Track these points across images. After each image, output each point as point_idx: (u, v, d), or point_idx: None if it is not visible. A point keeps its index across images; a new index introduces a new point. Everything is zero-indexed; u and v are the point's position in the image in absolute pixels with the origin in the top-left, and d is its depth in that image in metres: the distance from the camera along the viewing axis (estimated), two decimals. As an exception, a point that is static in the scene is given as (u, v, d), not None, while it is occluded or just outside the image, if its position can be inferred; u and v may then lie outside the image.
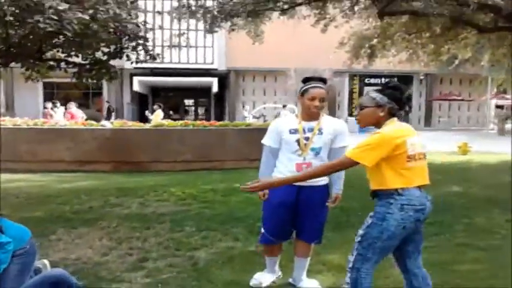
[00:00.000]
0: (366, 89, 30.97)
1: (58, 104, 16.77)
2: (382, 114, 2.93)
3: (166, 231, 5.43)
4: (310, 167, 3.47)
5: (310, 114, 3.62)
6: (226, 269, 4.23)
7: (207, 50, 29.05)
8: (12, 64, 6.97)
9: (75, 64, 7.13)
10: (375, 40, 14.25)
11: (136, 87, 27.26)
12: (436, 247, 4.82)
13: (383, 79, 30.61)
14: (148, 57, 7.68)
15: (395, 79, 21.32)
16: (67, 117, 14.77)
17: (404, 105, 2.97)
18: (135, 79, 27.02)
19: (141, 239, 5.08)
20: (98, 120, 13.97)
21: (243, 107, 27.52)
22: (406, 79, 30.79)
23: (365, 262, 2.88)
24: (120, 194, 7.46)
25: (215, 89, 27.62)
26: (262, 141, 3.81)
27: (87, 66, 7.21)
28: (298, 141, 3.59)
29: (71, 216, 6.07)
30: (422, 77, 31.03)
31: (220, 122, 12.12)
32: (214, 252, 4.66)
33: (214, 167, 10.55)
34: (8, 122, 11.23)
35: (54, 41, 6.76)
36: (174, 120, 15.14)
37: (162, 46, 28.07)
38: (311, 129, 3.61)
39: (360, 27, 14.63)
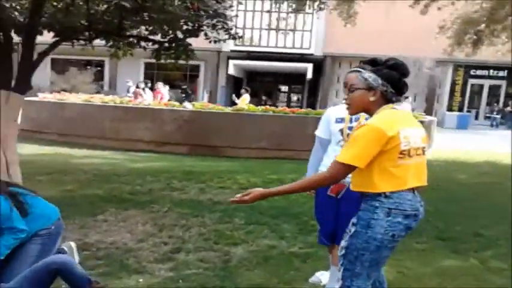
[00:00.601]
0: (471, 81, 28.86)
1: (149, 84, 17.22)
2: (373, 99, 2.44)
3: (214, 221, 5.22)
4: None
5: None
6: (257, 270, 3.90)
7: (305, 34, 28.51)
8: (97, 41, 7.05)
9: (154, 42, 7.09)
10: (483, 25, 12.94)
11: (231, 70, 27.48)
12: None
13: (491, 71, 28.25)
14: (227, 37, 7.44)
15: (505, 72, 19.59)
16: (157, 97, 15.10)
17: (403, 89, 2.44)
18: (231, 62, 27.23)
19: (185, 228, 4.91)
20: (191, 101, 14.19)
21: (336, 95, 26.84)
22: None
23: (354, 278, 2.41)
24: (184, 178, 7.40)
25: (309, 75, 27.06)
26: (315, 132, 3.48)
27: (166, 45, 7.13)
28: (342, 130, 3.23)
29: (127, 197, 6.08)
30: None
31: (302, 110, 11.70)
32: (252, 250, 4.35)
33: (290, 156, 10.21)
34: (97, 99, 11.69)
35: (135, 18, 6.72)
36: (268, 106, 14.90)
37: (260, 29, 28.21)
38: (358, 118, 3.14)
39: (466, 8, 13.32)
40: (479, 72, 28.34)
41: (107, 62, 28.71)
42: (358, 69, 2.51)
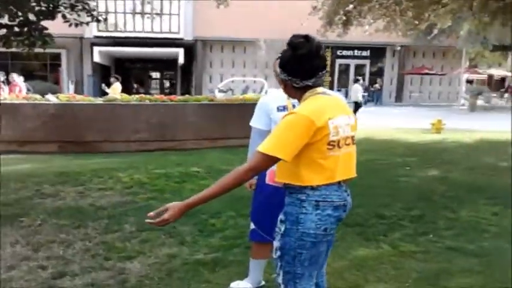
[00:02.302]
0: (338, 61, 30.30)
1: (4, 76, 15.34)
2: (289, 91, 2.23)
3: (100, 231, 4.51)
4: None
5: None
6: (162, 287, 3.35)
7: (173, 18, 27.63)
8: None
9: (1, 26, 6.01)
10: (351, 6, 13.36)
11: (97, 58, 25.77)
12: (423, 253, 4.07)
13: (356, 51, 29.84)
14: (90, 19, 6.58)
15: (368, 51, 20.83)
16: (14, 90, 13.44)
17: (309, 73, 2.12)
18: (96, 49, 25.52)
19: (65, 244, 4.15)
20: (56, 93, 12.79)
21: (210, 80, 26.51)
22: (379, 51, 30.07)
23: (298, 280, 2.15)
24: (57, 181, 6.47)
25: (181, 60, 26.33)
26: (250, 123, 3.12)
27: (16, 29, 6.09)
28: None
29: (-12, 212, 5.09)
30: (398, 48, 29.84)
31: (180, 97, 11.10)
32: (151, 263, 3.76)
33: (173, 147, 9.60)
34: None
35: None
36: (140, 94, 13.97)
37: (125, 13, 26.76)
38: None
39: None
40: (345, 52, 29.79)
41: None
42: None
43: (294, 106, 2.83)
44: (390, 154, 9.42)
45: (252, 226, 3.17)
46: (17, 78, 13.65)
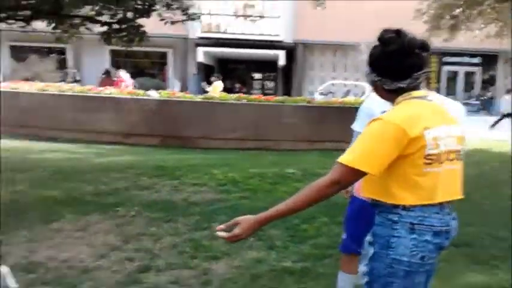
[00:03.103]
0: (445, 68, 28.63)
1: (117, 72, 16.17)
2: (380, 93, 1.92)
3: (190, 227, 4.47)
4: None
5: None
6: (246, 293, 3.19)
7: (274, 21, 27.65)
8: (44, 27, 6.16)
9: (101, 23, 6.24)
10: (458, 10, 12.47)
11: (201, 58, 26.46)
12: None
13: (465, 57, 28.03)
14: (186, 18, 6.65)
15: (479, 58, 19.28)
16: (120, 85, 14.09)
17: (401, 72, 1.80)
18: (200, 49, 26.22)
19: (155, 238, 4.15)
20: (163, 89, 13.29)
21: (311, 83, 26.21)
22: (491, 58, 27.99)
23: None
24: (155, 174, 6.60)
25: (282, 62, 26.30)
26: (352, 126, 2.88)
27: (116, 26, 6.30)
28: None
29: (88, 199, 5.26)
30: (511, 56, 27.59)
31: (278, 98, 11.00)
32: (236, 266, 3.62)
33: (269, 147, 9.49)
34: (53, 88, 10.71)
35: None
36: (242, 94, 14.03)
37: (228, 15, 27.26)
38: None
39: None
40: (454, 59, 28.10)
41: (69, 49, 27.33)
42: None
43: None
44: (504, 168, 8.58)
45: (344, 236, 2.91)
46: (124, 75, 14.32)
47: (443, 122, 1.79)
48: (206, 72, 28.21)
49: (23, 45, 26.31)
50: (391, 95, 1.85)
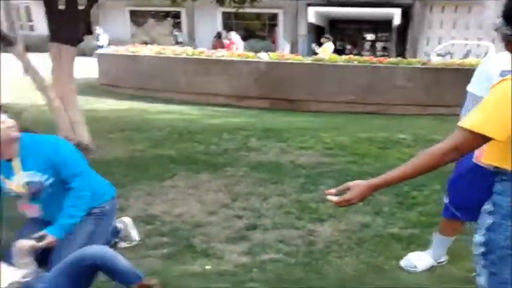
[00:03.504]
0: None
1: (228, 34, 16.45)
2: (509, 47, 1.71)
3: (296, 189, 4.52)
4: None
5: None
6: (348, 257, 3.17)
7: (392, -23, 26.34)
8: None
9: None
10: None
11: (311, 18, 26.05)
12: None
13: None
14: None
15: None
16: (231, 47, 14.34)
17: None
18: (311, 9, 25.79)
19: (262, 197, 4.26)
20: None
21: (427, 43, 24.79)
22: None
23: (508, 286, 1.68)
24: (264, 136, 6.73)
25: (397, 21, 25.09)
26: (467, 87, 2.74)
27: None
28: None
29: (200, 158, 5.52)
30: None
31: (390, 59, 10.55)
32: (342, 230, 3.61)
33: (379, 111, 9.23)
34: (168, 51, 11.19)
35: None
36: (352, 55, 13.66)
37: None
38: None
39: None
40: None
41: (184, 12, 28.28)
42: None
43: None
44: None
45: (446, 200, 2.80)
46: (235, 37, 14.52)
47: None
48: (316, 34, 27.82)
49: (141, 10, 27.68)
50: None
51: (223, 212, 3.88)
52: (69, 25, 5.45)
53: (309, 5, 26.17)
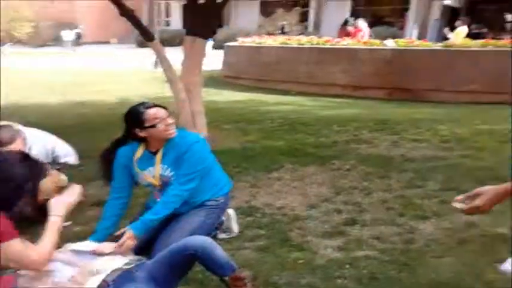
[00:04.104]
0: None
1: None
2: None
3: (402, 184, 4.41)
4: None
5: None
6: (447, 258, 3.05)
7: None
8: None
9: None
10: None
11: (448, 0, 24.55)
12: None
13: None
14: None
15: None
16: (357, 35, 14.01)
17: None
18: (448, -11, 24.28)
19: (365, 192, 4.23)
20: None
21: None
22: None
23: None
24: (376, 128, 6.61)
25: (544, -1, 22.68)
26: None
27: None
28: None
29: (308, 151, 5.59)
30: None
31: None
32: (445, 228, 3.47)
33: (507, 100, 8.48)
34: (293, 41, 11.32)
35: None
36: (490, 39, 12.52)
37: None
38: None
39: None
40: None
41: (313, 1, 28.24)
42: None
43: None
44: None
45: None
46: (362, 24, 14.19)
47: None
48: (450, 17, 26.12)
49: (272, 0, 28.11)
50: None
51: (324, 206, 3.93)
52: (205, 19, 5.79)
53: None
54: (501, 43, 9.67)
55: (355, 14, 24.28)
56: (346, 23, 16.10)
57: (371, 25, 19.65)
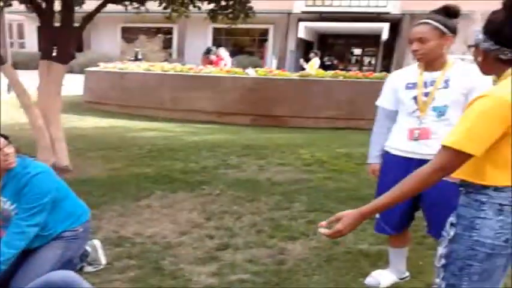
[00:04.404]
0: None
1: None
2: (487, 64, 1.76)
3: (270, 207, 4.54)
4: (427, 134, 2.54)
5: (429, 63, 2.56)
6: (317, 276, 3.18)
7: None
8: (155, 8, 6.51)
9: (210, 0, 6.44)
10: None
11: (301, 33, 26.22)
12: None
13: None
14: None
15: None
16: (219, 63, 14.36)
17: None
18: (301, 25, 25.98)
19: (236, 216, 4.27)
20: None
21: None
22: None
23: None
24: (243, 153, 6.75)
25: (385, 36, 25.32)
26: (376, 102, 2.90)
27: (223, 3, 6.47)
28: (416, 98, 2.57)
29: (177, 177, 5.51)
30: None
31: (375, 74, 10.64)
32: (313, 247, 3.62)
33: (361, 126, 9.21)
34: (157, 67, 11.24)
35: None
36: (339, 70, 13.71)
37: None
38: (434, 82, 2.55)
39: None
40: None
41: (175, 28, 28.42)
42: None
43: (425, 83, 2.53)
44: None
45: (377, 215, 2.84)
46: (224, 53, 14.56)
47: None
48: (304, 49, 28.03)
49: (133, 27, 27.74)
50: (501, 66, 1.73)
51: (196, 232, 3.88)
52: (62, 43, 5.46)
53: (300, 20, 26.38)
54: (349, 74, 10.56)
55: (217, 43, 24.94)
56: (208, 51, 16.42)
57: (233, 54, 20.30)
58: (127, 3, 6.32)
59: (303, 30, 26.30)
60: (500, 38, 1.67)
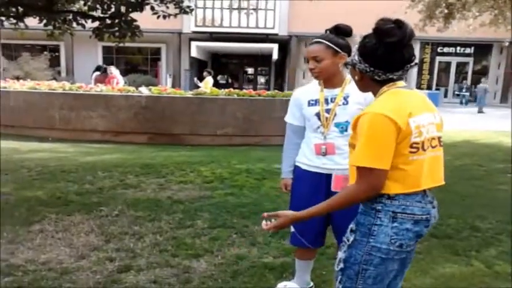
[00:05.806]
0: (438, 59, 28.62)
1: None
2: (364, 84, 1.94)
3: (173, 225, 4.46)
4: (333, 149, 2.68)
5: (328, 80, 2.69)
6: (224, 291, 3.18)
7: (269, 13, 27.58)
8: (35, 24, 6.15)
9: (94, 18, 6.22)
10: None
11: (194, 52, 26.42)
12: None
13: (458, 48, 28.02)
14: (178, 11, 6.60)
15: (472, 48, 19.51)
16: (111, 82, 13.98)
17: (397, 65, 1.85)
18: (193, 44, 26.17)
19: (137, 237, 4.13)
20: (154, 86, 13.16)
21: (303, 76, 26.15)
22: (484, 48, 27.93)
23: None
24: (142, 172, 6.59)
25: (275, 56, 26.30)
26: (285, 119, 2.95)
27: (108, 21, 6.28)
28: (318, 114, 2.69)
29: (72, 199, 5.24)
30: (506, 44, 26.43)
31: (268, 92, 10.94)
32: (218, 263, 3.61)
33: (258, 142, 9.49)
34: (44, 86, 10.64)
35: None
36: (232, 89, 13.93)
37: (222, 9, 27.16)
38: (335, 99, 2.68)
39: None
40: (446, 49, 28.11)
41: (63, 46, 27.24)
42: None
43: (326, 100, 2.67)
44: (489, 159, 8.61)
45: (292, 229, 2.90)
46: (115, 71, 14.21)
47: (424, 109, 1.85)
48: (199, 68, 28.18)
49: (15, 43, 26.21)
50: (376, 85, 1.88)
51: (95, 255, 3.70)
52: None
53: (192, 39, 26.50)
54: (242, 92, 10.77)
55: (108, 62, 24.25)
56: (98, 69, 15.93)
57: (125, 73, 19.83)
58: (3, 18, 5.94)
59: (195, 50, 26.50)
60: (374, 60, 1.83)
